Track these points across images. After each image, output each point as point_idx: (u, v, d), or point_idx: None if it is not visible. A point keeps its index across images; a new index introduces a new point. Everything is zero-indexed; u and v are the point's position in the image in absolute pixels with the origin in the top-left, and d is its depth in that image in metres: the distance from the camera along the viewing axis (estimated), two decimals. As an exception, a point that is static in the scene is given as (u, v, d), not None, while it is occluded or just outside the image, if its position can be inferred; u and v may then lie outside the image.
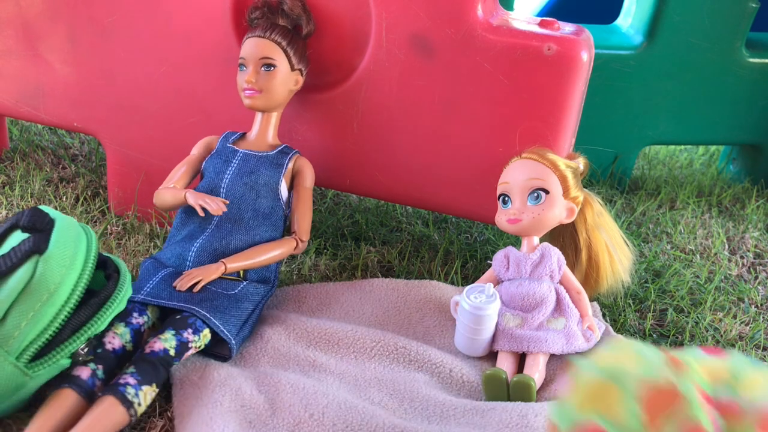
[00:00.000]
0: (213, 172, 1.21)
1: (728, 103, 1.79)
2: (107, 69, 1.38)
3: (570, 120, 1.23)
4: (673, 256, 1.51)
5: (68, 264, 0.94)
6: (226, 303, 1.08)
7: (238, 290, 1.12)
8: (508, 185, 1.20)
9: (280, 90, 1.21)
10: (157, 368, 0.96)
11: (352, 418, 0.94)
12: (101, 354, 0.97)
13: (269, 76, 1.20)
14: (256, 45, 1.20)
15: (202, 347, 1.04)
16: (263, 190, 1.20)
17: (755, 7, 1.68)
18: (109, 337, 1.00)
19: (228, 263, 1.13)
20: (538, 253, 1.18)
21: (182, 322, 1.03)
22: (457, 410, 1.00)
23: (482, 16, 1.21)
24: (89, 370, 0.94)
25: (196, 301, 1.06)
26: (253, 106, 1.21)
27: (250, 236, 1.17)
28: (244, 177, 1.19)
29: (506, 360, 1.10)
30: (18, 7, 1.40)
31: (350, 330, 1.13)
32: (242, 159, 1.22)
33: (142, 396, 0.92)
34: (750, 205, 1.78)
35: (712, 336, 1.26)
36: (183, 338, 1.01)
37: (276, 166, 1.22)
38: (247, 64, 1.21)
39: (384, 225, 1.54)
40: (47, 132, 1.78)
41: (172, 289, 1.08)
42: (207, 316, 1.04)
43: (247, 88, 1.20)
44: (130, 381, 0.93)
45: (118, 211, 1.45)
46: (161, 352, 0.98)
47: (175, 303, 1.05)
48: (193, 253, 1.15)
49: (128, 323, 1.03)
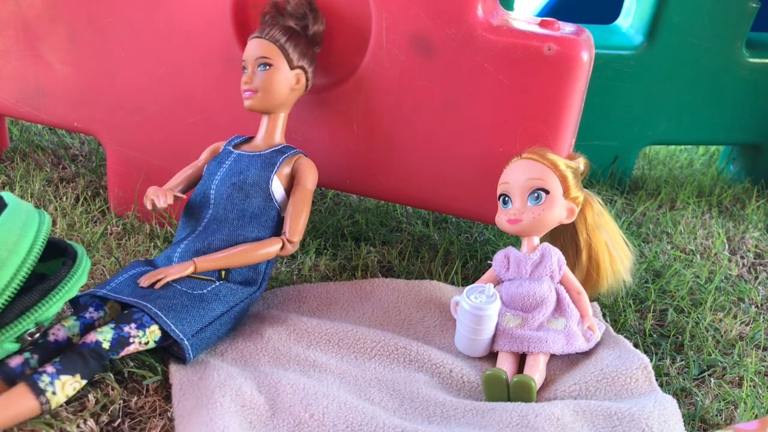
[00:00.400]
0: (207, 175, 1.21)
1: (728, 103, 1.79)
2: (107, 69, 1.38)
3: (570, 120, 1.23)
4: (674, 256, 1.51)
5: (11, 248, 0.92)
6: (186, 302, 1.05)
7: (206, 290, 1.09)
8: (509, 185, 1.20)
9: (277, 89, 1.20)
10: (85, 360, 0.93)
11: (352, 418, 0.94)
12: (41, 344, 0.96)
13: (265, 76, 1.19)
14: (254, 45, 1.20)
15: (150, 344, 1.01)
16: (252, 189, 1.18)
17: (755, 7, 1.68)
18: (54, 329, 0.98)
19: (199, 262, 1.10)
20: (538, 254, 1.18)
21: (126, 317, 1.00)
22: (457, 410, 1.00)
23: (482, 16, 1.21)
24: (21, 359, 0.93)
25: (151, 297, 1.04)
26: (252, 107, 1.20)
27: (233, 236, 1.15)
28: (232, 177, 1.18)
29: (506, 360, 1.10)
30: (18, 7, 1.40)
31: (350, 330, 1.13)
32: (234, 160, 1.21)
33: (59, 385, 0.90)
34: (750, 205, 1.78)
35: (712, 336, 1.26)
36: (123, 332, 0.98)
37: (267, 164, 1.19)
38: (246, 65, 1.21)
39: (384, 225, 1.54)
40: (47, 132, 1.78)
41: (135, 287, 1.06)
42: (156, 313, 1.01)
43: (245, 89, 1.20)
44: (48, 369, 0.90)
45: (118, 211, 1.45)
46: (92, 343, 0.95)
47: (128, 298, 1.03)
48: (178, 254, 1.14)
49: (80, 317, 1.02)
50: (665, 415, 0.97)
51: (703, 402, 1.09)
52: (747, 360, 1.19)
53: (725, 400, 1.11)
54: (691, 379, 1.15)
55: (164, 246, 1.34)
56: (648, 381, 1.06)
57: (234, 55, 1.30)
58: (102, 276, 1.24)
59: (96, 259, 1.28)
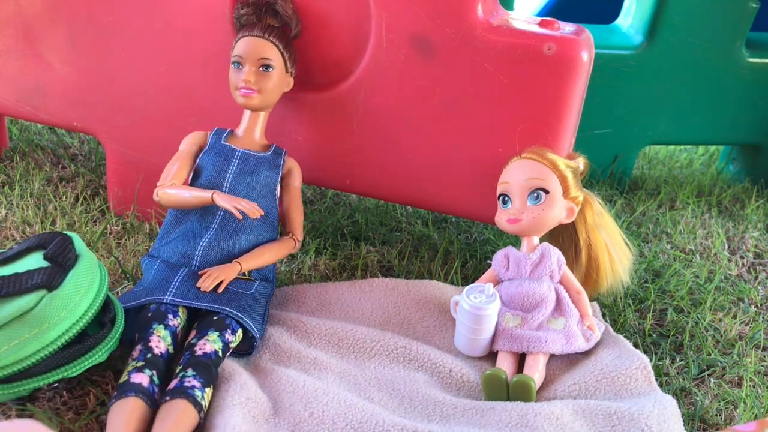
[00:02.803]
0: (213, 170, 1.19)
1: (728, 103, 1.79)
2: (107, 69, 1.38)
3: (570, 120, 1.23)
4: (673, 256, 1.51)
5: (71, 308, 0.94)
6: (249, 302, 1.09)
7: (254, 289, 1.13)
8: (508, 185, 1.20)
9: (275, 91, 1.21)
10: (210, 370, 0.97)
11: (352, 417, 0.94)
12: (151, 359, 0.96)
13: (267, 77, 1.19)
14: (255, 45, 1.19)
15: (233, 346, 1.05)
16: (263, 191, 1.20)
17: (755, 7, 1.68)
18: (154, 341, 0.99)
19: (243, 263, 1.13)
20: (538, 253, 1.18)
21: (221, 324, 1.04)
22: (456, 410, 1.00)
23: (482, 16, 1.21)
24: (147, 377, 0.93)
25: (225, 301, 1.07)
26: (248, 105, 1.21)
27: (255, 236, 1.17)
28: (246, 177, 1.19)
29: (506, 360, 1.10)
30: (18, 6, 1.40)
31: (350, 330, 1.13)
32: (242, 158, 1.21)
33: (207, 398, 0.93)
34: (750, 205, 1.78)
35: (712, 336, 1.26)
36: (225, 339, 1.02)
37: (274, 167, 1.23)
38: (243, 62, 1.19)
39: (384, 225, 1.54)
40: (47, 131, 1.78)
41: (197, 290, 1.08)
42: (240, 316, 1.05)
43: (244, 87, 1.19)
44: (195, 384, 0.92)
45: (118, 210, 1.45)
46: (213, 354, 0.99)
47: (207, 304, 1.06)
48: (200, 251, 1.14)
49: (167, 326, 1.02)
50: (665, 415, 0.97)
51: (702, 402, 1.09)
52: (746, 360, 1.20)
53: (725, 399, 1.11)
54: (691, 378, 1.15)
55: (164, 246, 1.34)
56: (647, 381, 1.06)
57: (234, 54, 1.30)
58: (102, 275, 1.24)
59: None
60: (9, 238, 1.30)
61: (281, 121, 1.32)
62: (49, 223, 1.37)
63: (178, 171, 1.20)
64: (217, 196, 1.12)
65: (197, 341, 1.00)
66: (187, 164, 1.21)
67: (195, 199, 1.14)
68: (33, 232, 1.33)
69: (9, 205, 1.41)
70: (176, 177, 1.19)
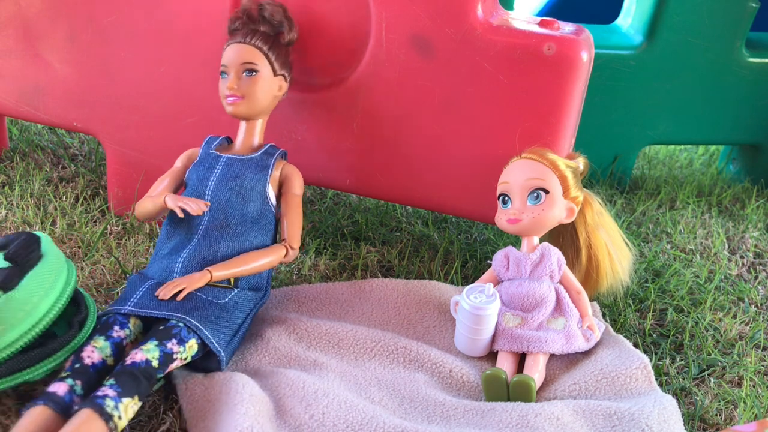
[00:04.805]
0: (196, 180, 1.17)
1: (728, 103, 1.79)
2: (107, 69, 1.38)
3: (570, 120, 1.23)
4: (673, 255, 1.51)
5: (29, 310, 0.91)
6: (217, 312, 1.04)
7: (228, 299, 1.08)
8: (508, 185, 1.20)
9: (262, 96, 1.19)
10: (138, 380, 0.91)
11: (352, 418, 0.94)
12: (79, 369, 0.92)
13: (251, 82, 1.17)
14: (237, 51, 1.18)
15: (188, 359, 1.00)
16: (250, 194, 1.16)
17: (755, 7, 1.68)
18: (87, 352, 0.94)
19: (214, 271, 1.08)
20: (538, 253, 1.18)
21: (166, 333, 0.98)
22: (457, 410, 1.00)
23: (482, 16, 1.21)
24: (66, 386, 0.89)
25: (186, 310, 1.02)
26: (236, 113, 1.18)
27: (239, 242, 1.13)
28: (228, 182, 1.16)
29: (506, 360, 1.10)
30: (18, 6, 1.40)
31: (350, 330, 1.13)
32: (226, 164, 1.18)
33: (123, 409, 0.87)
34: (750, 205, 1.78)
35: (712, 336, 1.26)
36: (167, 349, 0.96)
37: (261, 168, 1.18)
38: (228, 71, 1.18)
39: (384, 225, 1.54)
40: (47, 132, 1.78)
41: (158, 300, 1.03)
42: (197, 326, 1.00)
43: (230, 95, 1.17)
44: (109, 393, 0.87)
45: (118, 211, 1.45)
46: (143, 363, 0.93)
47: (164, 312, 1.01)
48: (180, 263, 1.10)
49: (108, 337, 0.98)
50: (665, 415, 0.97)
51: (702, 401, 1.09)
52: (746, 360, 1.20)
53: (725, 399, 1.11)
54: (691, 378, 1.15)
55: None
56: (648, 381, 1.06)
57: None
58: (102, 276, 1.24)
59: (96, 259, 1.28)
60: (9, 239, 1.30)
61: (281, 122, 1.32)
62: (49, 223, 1.37)
63: (165, 187, 1.19)
64: (168, 198, 1.11)
65: (132, 351, 0.95)
66: (175, 179, 1.21)
67: (154, 205, 1.14)
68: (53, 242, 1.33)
69: (9, 206, 1.41)
70: (160, 192, 1.18)
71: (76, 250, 1.31)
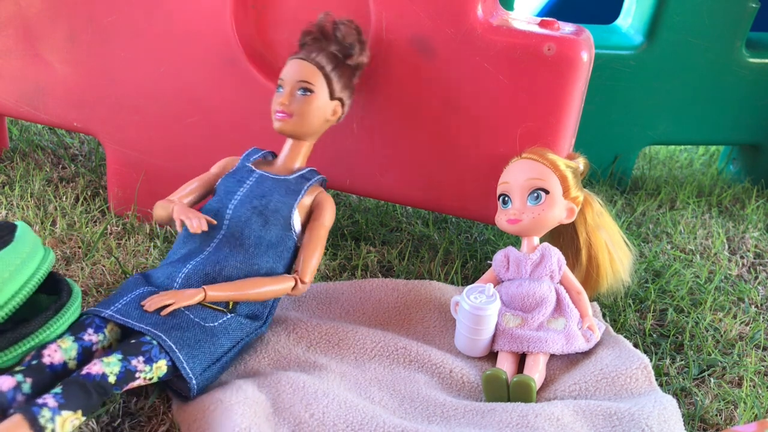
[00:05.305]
0: (224, 191, 1.12)
1: (728, 103, 1.79)
2: (107, 69, 1.38)
3: (570, 120, 1.23)
4: (673, 256, 1.51)
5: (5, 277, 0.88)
6: (199, 336, 0.97)
7: (218, 323, 1.01)
8: (508, 185, 1.20)
9: (313, 117, 1.13)
10: (89, 393, 0.84)
11: (352, 418, 0.94)
12: (35, 366, 0.86)
13: (304, 101, 1.12)
14: (297, 67, 1.13)
15: (154, 380, 0.93)
16: (273, 216, 1.09)
17: (755, 7, 1.68)
18: (50, 350, 0.88)
19: (209, 291, 1.01)
20: (538, 254, 1.18)
21: (135, 348, 0.91)
22: (457, 411, 1.00)
23: (482, 16, 1.21)
24: (13, 382, 0.83)
25: (166, 327, 0.95)
26: (282, 130, 1.13)
27: (248, 265, 1.06)
28: (253, 200, 1.10)
29: (506, 360, 1.10)
30: (18, 6, 1.40)
31: (350, 330, 1.13)
32: (257, 181, 1.12)
33: (59, 422, 0.80)
34: (750, 205, 1.78)
35: (712, 336, 1.26)
36: (130, 366, 0.89)
37: (291, 192, 1.12)
38: (284, 85, 1.13)
39: (384, 225, 1.54)
40: (47, 132, 1.78)
41: (142, 310, 0.97)
42: (171, 347, 0.93)
43: (279, 111, 1.12)
44: (49, 402, 0.81)
45: (118, 211, 1.45)
46: (98, 376, 0.86)
47: (141, 325, 0.94)
48: (183, 275, 1.04)
49: (78, 338, 0.92)
50: (665, 415, 0.97)
51: (702, 402, 1.09)
52: (747, 360, 1.20)
53: (725, 399, 1.11)
54: (691, 378, 1.15)
55: (164, 246, 1.34)
56: (648, 381, 1.06)
57: (234, 54, 1.29)
58: (102, 276, 1.24)
59: (96, 259, 1.28)
60: (9, 239, 1.30)
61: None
62: (49, 223, 1.37)
63: (189, 192, 1.14)
64: (176, 207, 1.06)
65: (93, 360, 0.89)
66: (205, 186, 1.16)
67: (164, 211, 1.09)
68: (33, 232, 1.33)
69: (9, 206, 1.41)
70: (185, 196, 1.14)
71: (76, 250, 1.31)
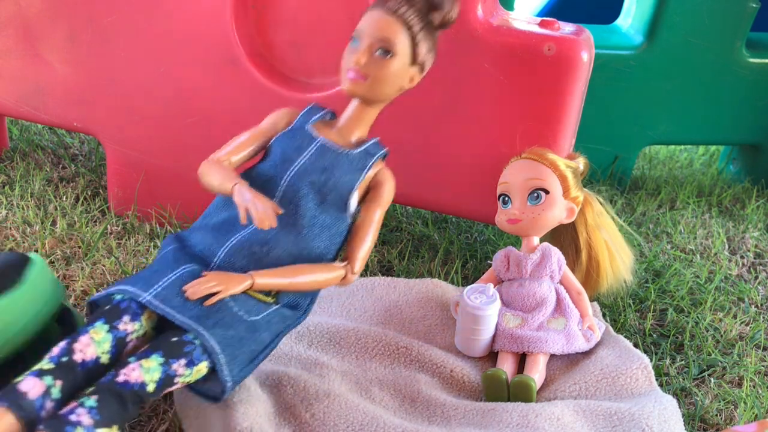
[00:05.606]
0: (279, 158, 0.96)
1: (728, 103, 1.79)
2: (107, 69, 1.38)
3: (570, 120, 1.23)
4: (673, 256, 1.51)
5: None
6: (242, 333, 0.85)
7: (260, 316, 0.88)
8: (508, 185, 1.20)
9: (389, 83, 0.97)
10: (125, 406, 0.76)
11: (353, 418, 0.94)
12: (65, 364, 0.76)
13: (382, 64, 0.95)
14: (380, 22, 0.94)
15: (190, 382, 0.84)
16: (331, 195, 0.95)
17: (755, 7, 1.68)
18: (81, 344, 0.78)
19: (258, 278, 0.88)
20: (538, 254, 1.18)
21: (177, 348, 0.81)
22: (458, 411, 1.00)
23: (482, 16, 1.20)
24: (42, 387, 0.73)
25: (210, 324, 0.83)
26: (354, 92, 0.97)
27: (299, 248, 0.93)
28: (313, 174, 0.95)
29: (506, 360, 1.10)
30: (18, 6, 1.40)
31: (351, 329, 1.13)
32: (318, 151, 0.97)
33: None
34: (750, 205, 1.78)
35: (712, 336, 1.26)
36: (171, 370, 0.80)
37: (355, 169, 0.98)
38: (360, 39, 0.95)
39: (384, 225, 1.54)
40: (47, 132, 1.78)
41: (183, 297, 0.84)
42: (213, 348, 0.82)
43: (353, 70, 0.95)
44: (83, 420, 0.72)
45: (118, 211, 1.45)
46: (137, 385, 0.77)
47: (184, 319, 0.82)
48: (226, 249, 0.91)
49: (113, 328, 0.80)
50: (665, 415, 0.97)
51: (703, 402, 1.09)
52: (747, 360, 1.20)
53: (725, 399, 1.11)
54: (691, 378, 1.15)
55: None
56: (648, 381, 1.06)
57: (234, 54, 1.29)
58: (102, 277, 1.24)
59: (96, 259, 1.28)
60: (9, 238, 1.30)
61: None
62: (49, 223, 1.37)
63: (239, 146, 0.97)
64: (237, 190, 0.88)
65: (131, 362, 0.79)
66: (256, 141, 0.99)
67: (221, 185, 0.91)
68: (33, 232, 1.33)
69: (9, 206, 1.41)
70: (234, 152, 0.97)
71: (76, 250, 1.31)
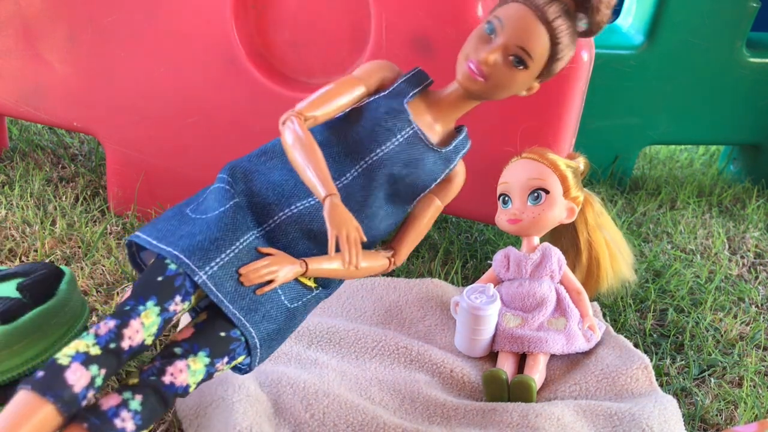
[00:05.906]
0: (366, 134, 0.86)
1: (728, 103, 1.79)
2: (107, 69, 1.38)
3: (570, 120, 1.23)
4: (674, 256, 1.51)
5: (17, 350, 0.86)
6: (282, 323, 0.82)
7: (301, 302, 0.85)
8: (508, 185, 1.20)
9: (508, 91, 0.89)
10: (166, 407, 0.74)
11: (353, 418, 0.94)
12: (112, 351, 0.71)
13: (511, 73, 0.86)
14: (527, 25, 0.84)
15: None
16: (405, 191, 0.89)
17: (755, 7, 1.68)
18: (131, 330, 0.73)
19: (311, 265, 0.83)
20: (538, 253, 1.18)
21: (223, 345, 0.77)
22: (458, 411, 1.00)
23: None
24: (88, 378, 0.69)
25: (257, 318, 0.79)
26: (467, 87, 0.89)
27: (375, 232, 0.89)
28: (395, 166, 0.87)
29: (506, 360, 1.10)
30: (18, 6, 1.40)
31: (351, 329, 1.13)
32: (408, 141, 0.87)
33: None
34: (750, 205, 1.78)
35: (712, 336, 1.26)
36: (213, 369, 0.77)
37: (439, 168, 0.91)
38: (498, 33, 0.86)
39: (384, 225, 1.54)
40: (47, 132, 1.78)
41: (238, 283, 0.78)
42: (256, 346, 0.79)
43: (476, 66, 0.86)
44: (128, 426, 0.70)
45: (118, 211, 1.45)
46: (181, 388, 0.75)
47: (235, 312, 0.77)
48: (284, 217, 0.83)
49: (165, 310, 0.75)
50: (665, 415, 0.97)
51: (703, 402, 1.09)
52: (747, 360, 1.19)
53: (725, 399, 1.11)
54: (691, 378, 1.15)
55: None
56: (648, 381, 1.06)
57: (234, 54, 1.29)
58: (102, 276, 1.24)
59: (96, 259, 1.28)
60: (9, 238, 1.30)
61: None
62: (49, 223, 1.37)
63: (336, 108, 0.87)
64: (330, 205, 0.77)
65: (176, 360, 0.75)
66: (351, 104, 0.89)
67: (308, 180, 0.80)
68: (33, 232, 1.33)
69: (9, 205, 1.41)
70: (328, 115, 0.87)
71: (76, 250, 1.31)
